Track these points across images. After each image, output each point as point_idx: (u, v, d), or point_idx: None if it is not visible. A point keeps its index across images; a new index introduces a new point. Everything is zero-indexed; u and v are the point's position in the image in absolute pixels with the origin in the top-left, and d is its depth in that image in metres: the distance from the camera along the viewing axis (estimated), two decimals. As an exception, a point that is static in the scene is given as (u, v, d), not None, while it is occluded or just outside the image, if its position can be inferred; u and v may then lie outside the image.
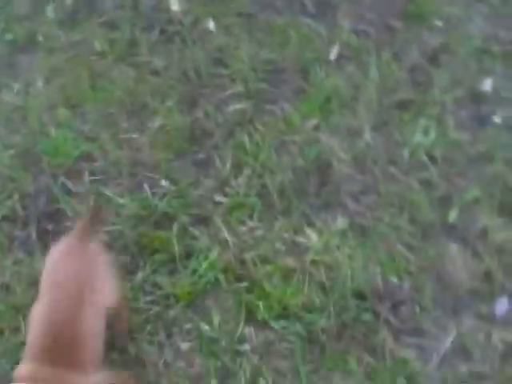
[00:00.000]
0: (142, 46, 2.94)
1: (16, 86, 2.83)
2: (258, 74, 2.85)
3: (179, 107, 2.74)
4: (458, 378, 2.18)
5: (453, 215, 2.50)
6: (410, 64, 2.93)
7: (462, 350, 2.23)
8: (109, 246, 2.29)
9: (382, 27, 2.97)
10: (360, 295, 2.29)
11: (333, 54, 2.93)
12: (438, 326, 2.27)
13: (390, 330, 2.25)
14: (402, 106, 2.80)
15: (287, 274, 2.31)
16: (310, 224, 2.45)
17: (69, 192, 2.51)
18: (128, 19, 3.03)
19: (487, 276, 2.38)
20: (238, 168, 2.57)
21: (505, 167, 2.64)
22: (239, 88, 2.80)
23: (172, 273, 2.31)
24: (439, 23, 3.10)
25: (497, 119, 2.80)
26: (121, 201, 2.46)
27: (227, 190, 2.51)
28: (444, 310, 2.30)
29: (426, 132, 2.70)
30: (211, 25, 3.03)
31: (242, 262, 2.32)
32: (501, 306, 2.33)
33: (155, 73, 2.86)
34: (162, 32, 3.00)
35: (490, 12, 3.20)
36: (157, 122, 2.69)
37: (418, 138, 2.68)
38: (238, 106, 2.75)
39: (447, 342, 2.24)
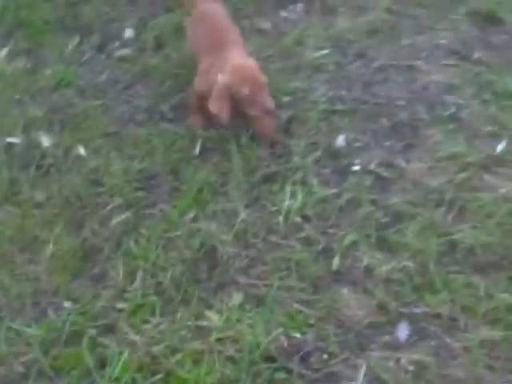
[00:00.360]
0: (22, 184, 3.11)
1: None
2: (132, 185, 3.05)
3: (67, 232, 2.89)
4: (377, 408, 2.29)
5: (336, 263, 2.67)
6: (267, 141, 3.18)
7: (376, 381, 2.33)
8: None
9: (236, 117, 3.19)
10: (269, 358, 2.39)
11: (197, 150, 3.18)
12: (348, 366, 2.37)
13: (306, 381, 2.34)
14: (269, 179, 3.02)
15: (197, 357, 2.40)
16: (209, 306, 2.57)
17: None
18: (4, 162, 3.23)
19: (382, 308, 2.51)
20: (131, 273, 2.70)
21: (373, 207, 2.85)
22: (118, 201, 2.99)
23: (91, 384, 2.38)
24: (287, 98, 3.40)
25: (356, 168, 3.05)
26: (29, 330, 2.54)
27: (126, 295, 2.63)
28: (350, 350, 2.41)
29: (293, 196, 2.90)
30: (82, 151, 3.25)
31: (153, 357, 2.41)
32: (402, 331, 2.46)
33: (39, 206, 3.02)
34: (38, 167, 3.19)
35: (329, 77, 3.54)
36: (49, 250, 2.83)
37: (288, 203, 2.87)
38: (121, 218, 2.92)
39: (360, 377, 2.34)
